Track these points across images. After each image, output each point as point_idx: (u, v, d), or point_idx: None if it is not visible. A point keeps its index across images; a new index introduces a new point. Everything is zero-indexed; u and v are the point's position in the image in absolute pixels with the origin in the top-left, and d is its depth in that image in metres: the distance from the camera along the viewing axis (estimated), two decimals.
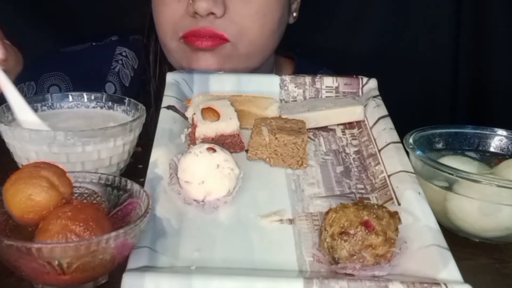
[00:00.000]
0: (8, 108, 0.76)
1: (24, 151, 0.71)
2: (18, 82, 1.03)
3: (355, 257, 0.55)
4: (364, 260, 0.55)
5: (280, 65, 1.11)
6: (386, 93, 0.85)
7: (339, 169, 0.73)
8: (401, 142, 0.74)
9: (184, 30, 0.92)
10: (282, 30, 1.00)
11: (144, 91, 1.07)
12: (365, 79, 0.88)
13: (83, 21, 1.22)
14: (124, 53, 1.08)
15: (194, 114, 0.74)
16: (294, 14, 1.04)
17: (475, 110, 1.29)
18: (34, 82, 1.03)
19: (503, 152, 0.81)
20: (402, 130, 0.77)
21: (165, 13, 0.94)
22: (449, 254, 0.56)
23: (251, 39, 0.94)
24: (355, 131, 0.81)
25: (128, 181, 0.59)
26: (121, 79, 1.07)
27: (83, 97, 0.82)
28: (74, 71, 1.05)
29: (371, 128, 0.79)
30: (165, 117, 0.76)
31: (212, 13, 0.90)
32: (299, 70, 1.09)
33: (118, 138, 0.72)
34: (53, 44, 1.17)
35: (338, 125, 0.82)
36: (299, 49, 1.17)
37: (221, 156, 0.64)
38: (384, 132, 0.76)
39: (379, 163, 0.72)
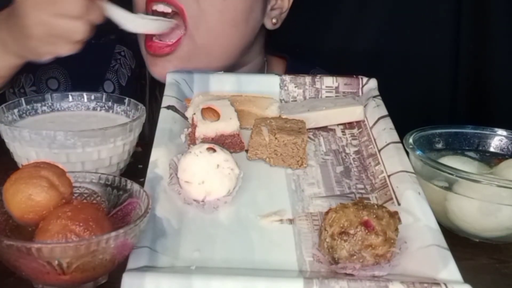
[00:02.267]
0: (8, 108, 0.76)
1: (24, 151, 0.71)
2: (15, 73, 1.03)
3: (355, 257, 0.55)
4: (364, 260, 0.55)
5: (271, 65, 1.10)
6: (386, 93, 0.85)
7: (339, 169, 0.73)
8: (401, 142, 0.74)
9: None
10: (252, 27, 0.97)
11: (141, 89, 1.07)
12: (365, 79, 0.88)
13: None
14: (122, 53, 1.08)
15: (194, 114, 0.74)
16: (274, 21, 1.00)
17: (475, 110, 1.29)
18: (32, 74, 1.02)
19: (503, 152, 0.81)
20: (402, 130, 0.77)
21: None
22: (449, 254, 0.56)
23: (209, 25, 0.92)
24: (355, 131, 0.81)
25: (128, 181, 0.59)
26: (119, 78, 1.07)
27: (83, 97, 0.82)
28: (72, 66, 1.04)
29: (371, 128, 0.79)
30: (165, 117, 0.76)
31: None
32: (290, 70, 1.08)
33: (118, 138, 0.72)
34: None
35: (338, 125, 0.82)
36: (299, 49, 1.17)
37: (221, 156, 0.64)
38: (384, 132, 0.76)
39: (379, 163, 0.72)
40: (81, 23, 0.78)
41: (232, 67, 0.98)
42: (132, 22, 0.86)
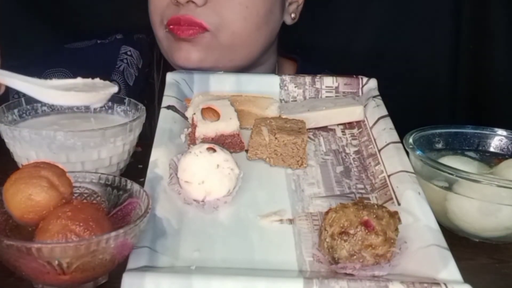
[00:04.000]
0: (8, 108, 0.76)
1: (24, 151, 0.71)
2: None
3: (355, 257, 0.55)
4: (364, 260, 0.55)
5: (282, 67, 1.11)
6: (386, 93, 0.85)
7: (339, 169, 0.73)
8: (401, 142, 0.74)
9: (167, 18, 0.93)
10: (273, 28, 0.99)
11: (149, 87, 1.07)
12: (365, 79, 0.88)
13: (87, 19, 1.22)
14: (129, 53, 1.09)
15: (194, 114, 0.74)
16: (293, 15, 1.03)
17: (475, 110, 1.29)
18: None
19: (503, 152, 0.81)
20: (402, 130, 0.77)
21: (153, 3, 0.96)
22: (449, 254, 0.56)
23: (233, 30, 0.93)
24: (355, 131, 0.81)
25: (128, 181, 0.59)
26: (126, 78, 1.07)
27: None
28: (78, 69, 1.04)
29: (371, 128, 0.79)
30: (165, 117, 0.76)
31: (193, 2, 0.90)
32: (301, 72, 1.08)
33: (118, 138, 0.72)
34: (57, 41, 1.17)
35: (338, 125, 0.82)
36: (299, 49, 1.17)
37: (221, 156, 0.64)
38: (384, 132, 0.76)
39: (379, 163, 0.72)
40: None
41: (248, 68, 0.99)
42: (45, 94, 0.69)
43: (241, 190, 0.65)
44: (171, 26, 0.93)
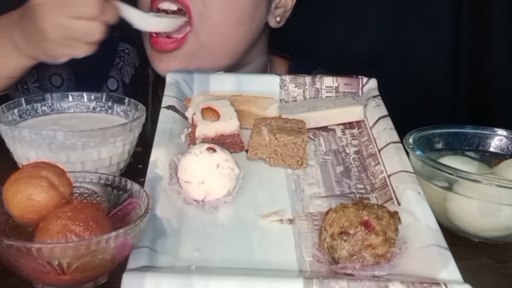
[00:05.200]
0: (8, 108, 0.76)
1: (24, 151, 0.71)
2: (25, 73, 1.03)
3: (355, 257, 0.55)
4: (364, 260, 0.55)
5: (274, 65, 1.10)
6: (386, 93, 0.85)
7: (339, 169, 0.73)
8: (401, 142, 0.74)
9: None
10: (257, 26, 0.98)
11: (144, 88, 1.07)
12: (365, 79, 0.88)
13: None
14: (126, 50, 1.09)
15: (194, 114, 0.74)
16: (277, 19, 1.01)
17: (475, 110, 1.29)
18: (35, 70, 1.02)
19: (503, 152, 0.81)
20: (402, 130, 0.77)
21: None
22: (449, 254, 0.56)
23: (214, 22, 0.92)
24: (355, 131, 0.81)
25: (128, 181, 0.59)
26: (123, 76, 1.07)
27: (83, 97, 0.82)
28: (76, 63, 1.05)
29: (371, 128, 0.79)
30: (165, 117, 0.76)
31: None
32: (293, 70, 1.08)
33: (118, 138, 0.72)
34: None
35: (338, 125, 0.82)
36: (299, 49, 1.17)
37: (221, 156, 0.64)
38: (384, 132, 0.76)
39: (379, 163, 0.72)
40: (97, 24, 0.78)
41: (235, 67, 0.98)
42: (145, 21, 0.88)
43: (241, 190, 0.65)
44: (153, 39, 0.93)
